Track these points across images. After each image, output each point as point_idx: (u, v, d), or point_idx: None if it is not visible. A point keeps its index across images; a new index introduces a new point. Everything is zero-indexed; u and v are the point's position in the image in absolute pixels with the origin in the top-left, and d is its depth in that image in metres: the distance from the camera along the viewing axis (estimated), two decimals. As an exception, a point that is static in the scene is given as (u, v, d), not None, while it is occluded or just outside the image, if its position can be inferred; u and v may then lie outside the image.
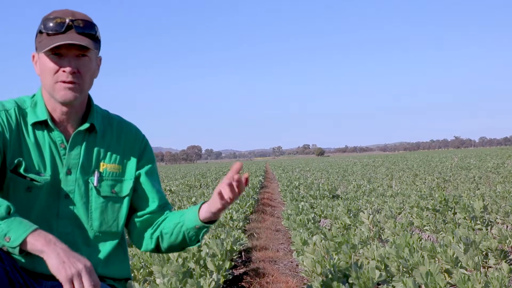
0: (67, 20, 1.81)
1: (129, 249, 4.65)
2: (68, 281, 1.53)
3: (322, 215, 8.02)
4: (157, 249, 2.08)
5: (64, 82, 1.81)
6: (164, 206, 2.08)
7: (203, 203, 1.93)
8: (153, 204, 2.05)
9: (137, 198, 2.05)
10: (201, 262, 4.19)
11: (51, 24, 1.81)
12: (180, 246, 2.03)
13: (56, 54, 1.81)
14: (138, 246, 2.11)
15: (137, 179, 2.05)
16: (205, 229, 1.95)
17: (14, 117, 1.89)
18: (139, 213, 2.06)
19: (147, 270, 4.08)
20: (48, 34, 1.81)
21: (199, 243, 2.03)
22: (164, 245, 2.03)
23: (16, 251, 1.58)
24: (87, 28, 1.84)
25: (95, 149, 1.98)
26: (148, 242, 2.06)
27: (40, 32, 1.85)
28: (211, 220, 1.93)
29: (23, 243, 1.57)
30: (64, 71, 1.80)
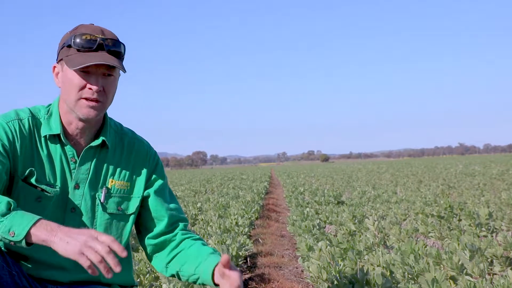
0: (99, 39, 1.82)
1: (135, 254, 4.67)
2: (79, 255, 1.50)
3: (327, 221, 8.02)
4: (172, 276, 2.10)
5: (87, 99, 1.83)
6: (175, 223, 2.08)
7: (216, 265, 1.87)
8: (162, 223, 2.06)
9: (147, 216, 2.06)
10: (207, 267, 4.20)
11: (82, 41, 1.82)
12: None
13: (84, 71, 1.82)
14: (154, 266, 2.12)
15: (146, 197, 2.05)
16: None
17: (27, 126, 1.89)
18: (151, 235, 2.06)
19: (153, 276, 4.09)
20: (78, 50, 1.82)
21: None
22: (183, 281, 2.09)
23: (23, 244, 1.56)
24: (117, 48, 1.86)
25: (105, 165, 1.99)
26: (163, 270, 2.08)
27: (68, 46, 1.84)
28: None
29: (28, 235, 1.55)
30: (90, 89, 1.82)
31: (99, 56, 1.80)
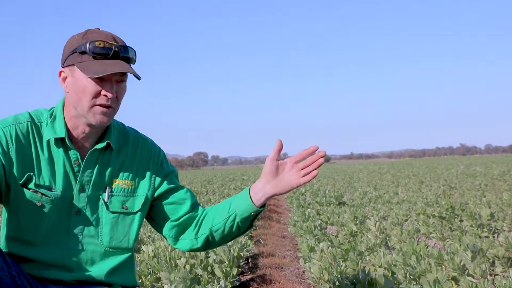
0: (114, 46, 1.82)
1: (136, 256, 4.67)
2: None
3: (328, 222, 8.02)
4: (204, 247, 2.08)
5: (102, 106, 1.82)
6: (196, 204, 2.09)
7: (250, 187, 1.94)
8: (184, 206, 2.06)
9: (168, 205, 2.06)
10: (209, 268, 4.20)
11: (97, 48, 1.80)
12: (233, 236, 2.05)
13: (99, 77, 1.81)
14: (182, 248, 2.10)
15: (159, 190, 2.05)
16: (260, 213, 1.96)
17: (25, 130, 1.87)
18: (174, 218, 2.06)
19: (154, 276, 4.08)
20: (94, 57, 1.81)
21: (252, 227, 2.04)
22: (216, 240, 2.04)
23: None
24: (130, 55, 1.87)
25: (109, 167, 1.98)
26: (194, 242, 2.06)
27: (81, 52, 1.82)
28: (264, 203, 1.95)
29: None
30: (105, 96, 1.81)
31: (117, 64, 1.80)
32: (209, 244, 2.07)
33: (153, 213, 2.09)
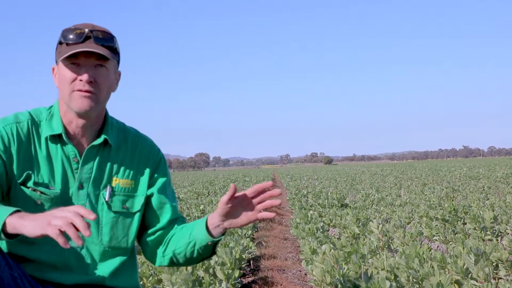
0: (86, 31, 1.82)
1: (138, 257, 4.65)
2: (47, 226, 1.42)
3: (330, 224, 7.99)
4: (171, 265, 2.08)
5: (80, 91, 1.81)
6: (174, 221, 2.07)
7: (207, 218, 1.92)
8: (163, 220, 2.05)
9: (149, 214, 2.05)
10: (210, 270, 4.19)
11: (70, 35, 1.82)
12: (197, 260, 2.04)
13: (74, 63, 1.81)
14: (152, 262, 2.11)
15: (149, 195, 2.04)
16: (219, 242, 1.95)
17: (26, 129, 1.88)
18: (150, 231, 2.05)
19: (156, 278, 4.07)
20: (67, 44, 1.81)
21: (215, 254, 2.04)
22: (181, 262, 2.04)
23: (2, 236, 1.50)
24: (106, 40, 1.85)
25: (108, 164, 1.97)
26: (162, 260, 2.07)
27: (59, 43, 1.85)
28: (223, 233, 1.93)
29: (4, 225, 1.48)
30: (81, 80, 1.80)
31: (86, 46, 1.80)
32: (174, 264, 2.07)
33: None
